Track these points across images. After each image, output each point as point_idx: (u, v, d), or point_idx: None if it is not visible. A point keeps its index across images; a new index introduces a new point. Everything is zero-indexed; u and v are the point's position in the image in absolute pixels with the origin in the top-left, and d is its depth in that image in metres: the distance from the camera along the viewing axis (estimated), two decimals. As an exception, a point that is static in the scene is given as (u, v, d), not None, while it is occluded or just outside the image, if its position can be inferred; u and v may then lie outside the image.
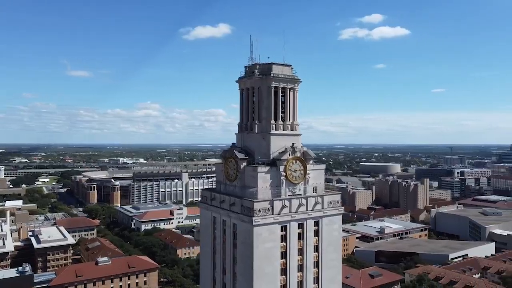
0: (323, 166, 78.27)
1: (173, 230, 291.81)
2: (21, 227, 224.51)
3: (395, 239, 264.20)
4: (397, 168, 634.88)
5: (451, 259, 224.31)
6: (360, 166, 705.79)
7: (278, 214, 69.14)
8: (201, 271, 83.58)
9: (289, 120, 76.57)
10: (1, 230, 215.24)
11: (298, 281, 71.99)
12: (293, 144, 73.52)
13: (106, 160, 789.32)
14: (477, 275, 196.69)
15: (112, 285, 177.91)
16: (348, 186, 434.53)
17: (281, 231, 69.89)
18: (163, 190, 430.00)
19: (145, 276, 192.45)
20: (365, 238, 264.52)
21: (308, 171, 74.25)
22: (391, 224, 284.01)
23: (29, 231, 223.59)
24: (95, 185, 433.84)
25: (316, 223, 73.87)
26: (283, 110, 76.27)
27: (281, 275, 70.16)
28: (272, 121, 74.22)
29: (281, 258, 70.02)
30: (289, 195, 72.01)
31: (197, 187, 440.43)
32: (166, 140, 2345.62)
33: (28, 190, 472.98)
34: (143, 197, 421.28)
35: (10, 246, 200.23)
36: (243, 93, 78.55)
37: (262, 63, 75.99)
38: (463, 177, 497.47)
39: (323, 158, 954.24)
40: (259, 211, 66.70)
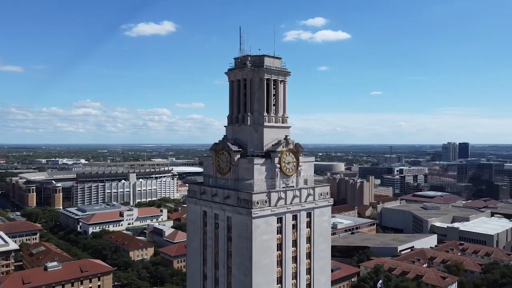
0: (313, 159, 79.56)
1: (124, 232, 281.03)
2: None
3: (347, 234, 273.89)
4: (341, 167, 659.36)
5: (400, 251, 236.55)
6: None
7: (275, 206, 69.13)
8: (189, 268, 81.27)
9: (280, 113, 76.79)
10: None
11: (293, 272, 72.42)
12: (286, 136, 73.89)
13: (44, 161, 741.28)
14: (425, 265, 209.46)
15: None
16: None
17: (277, 223, 69.94)
18: (109, 191, 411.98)
19: (99, 280, 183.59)
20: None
21: (300, 163, 75.01)
22: (342, 220, 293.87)
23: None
24: (34, 187, 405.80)
25: (308, 215, 74.80)
26: (274, 103, 76.34)
27: (277, 267, 70.17)
28: (265, 113, 74.06)
29: (277, 250, 70.03)
30: (283, 187, 72.24)
31: (146, 188, 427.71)
32: (107, 140, 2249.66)
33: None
34: (88, 199, 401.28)
35: None
36: (234, 85, 77.46)
37: (254, 55, 75.60)
38: (403, 175, 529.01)
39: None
40: (257, 203, 66.25)
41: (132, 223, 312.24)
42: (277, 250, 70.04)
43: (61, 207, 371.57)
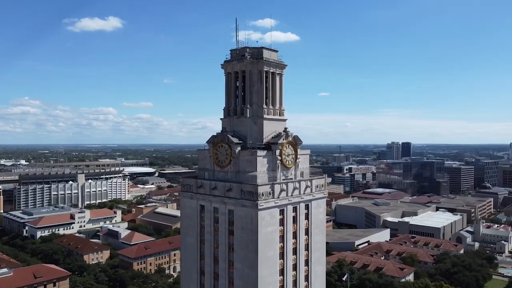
0: (308, 151, 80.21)
1: (77, 235, 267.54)
2: None
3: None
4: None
5: (357, 246, 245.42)
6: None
7: (278, 198, 69.00)
8: (183, 264, 78.86)
9: (277, 106, 76.81)
10: None
11: (293, 264, 72.69)
12: (286, 129, 74.07)
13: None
14: (382, 258, 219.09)
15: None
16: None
17: (280, 215, 69.85)
18: (56, 193, 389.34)
19: (54, 286, 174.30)
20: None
21: (299, 156, 75.51)
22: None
23: None
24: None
25: (306, 207, 75.46)
26: (272, 95, 76.18)
27: (280, 259, 70.12)
28: (264, 106, 73.68)
29: (280, 242, 69.96)
30: (283, 179, 72.30)
31: (95, 189, 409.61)
32: (48, 140, 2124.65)
33: None
34: (32, 202, 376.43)
35: None
36: (231, 77, 76.31)
37: (253, 47, 75.09)
38: (352, 173, 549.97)
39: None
40: (262, 195, 65.80)
41: (84, 226, 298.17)
42: (280, 242, 70.01)
43: (2, 211, 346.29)
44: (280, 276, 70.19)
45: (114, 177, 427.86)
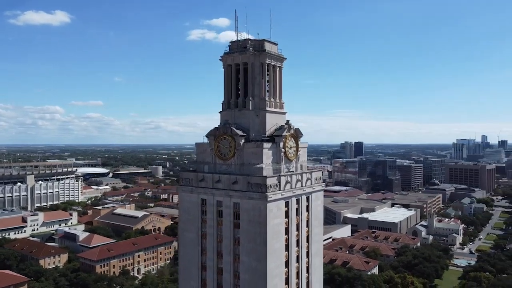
0: (307, 144, 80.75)
1: (30, 239, 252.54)
2: None
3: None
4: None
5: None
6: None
7: (283, 190, 68.93)
8: (182, 260, 76.49)
9: (277, 98, 76.76)
10: None
11: (296, 256, 72.91)
12: (288, 121, 74.21)
13: None
14: (347, 252, 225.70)
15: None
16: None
17: (285, 207, 69.83)
18: (2, 196, 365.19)
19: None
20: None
21: (300, 148, 75.92)
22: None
23: None
24: None
25: (307, 199, 75.97)
26: (273, 88, 76.01)
27: (285, 251, 70.08)
28: (267, 98, 73.36)
29: (285, 234, 69.91)
30: (285, 172, 72.36)
31: (46, 191, 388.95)
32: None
33: None
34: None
35: None
36: (231, 70, 75.20)
37: (254, 39, 74.54)
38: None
39: (177, 158, 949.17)
40: (270, 187, 65.47)
41: (37, 229, 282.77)
42: (285, 234, 69.99)
43: None
44: (285, 268, 70.25)
45: (66, 178, 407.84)
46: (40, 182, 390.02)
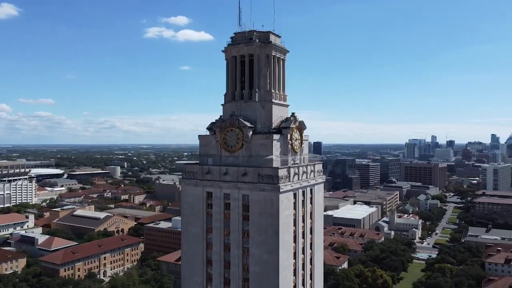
0: (308, 137, 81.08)
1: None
2: None
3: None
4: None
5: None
6: (176, 165, 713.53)
7: (293, 182, 68.88)
8: (185, 256, 74.23)
9: (281, 91, 76.63)
10: None
11: (302, 248, 73.07)
12: (293, 114, 74.25)
13: None
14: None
15: None
16: (176, 183, 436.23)
17: (293, 199, 69.80)
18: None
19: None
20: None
21: (303, 141, 76.23)
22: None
23: None
24: None
25: (311, 191, 76.36)
26: (278, 81, 75.78)
27: (293, 242, 70.03)
28: (273, 90, 73.04)
29: (293, 226, 69.89)
30: (292, 164, 72.38)
31: (3, 192, 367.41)
32: None
33: None
34: None
35: None
36: (235, 61, 74.12)
37: (260, 31, 73.90)
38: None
39: (134, 158, 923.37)
40: (281, 179, 65.23)
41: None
42: (293, 226, 69.97)
43: None
44: (293, 260, 70.26)
45: (19, 179, 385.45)
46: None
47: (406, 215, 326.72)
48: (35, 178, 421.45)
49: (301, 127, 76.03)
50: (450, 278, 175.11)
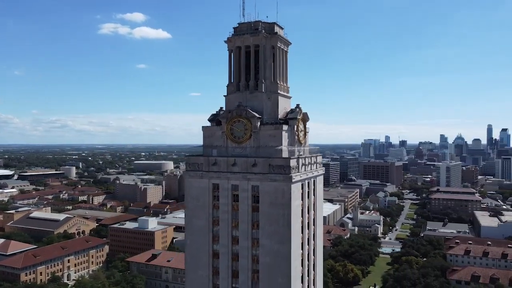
0: (309, 129, 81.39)
1: None
2: None
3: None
4: (171, 165, 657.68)
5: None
6: (134, 165, 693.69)
7: (301, 172, 68.98)
8: (189, 249, 72.03)
9: (285, 82, 76.56)
10: None
11: (307, 238, 73.33)
12: (298, 105, 74.39)
13: None
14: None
15: None
16: (137, 183, 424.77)
17: (301, 189, 69.89)
18: None
19: None
20: (180, 229, 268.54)
21: (307, 132, 76.57)
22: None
23: None
24: None
25: (314, 182, 76.84)
26: (282, 72, 75.65)
27: (301, 233, 70.11)
28: (278, 81, 72.80)
29: (301, 216, 69.96)
30: (298, 154, 72.47)
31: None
32: None
33: None
34: None
35: None
36: (239, 51, 73.11)
37: (265, 22, 73.44)
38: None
39: (89, 158, 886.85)
40: (292, 169, 65.13)
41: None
42: (301, 216, 70.09)
43: None
44: (301, 250, 70.40)
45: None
46: None
47: (368, 212, 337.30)
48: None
49: (305, 119, 76.48)
50: (417, 270, 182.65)
